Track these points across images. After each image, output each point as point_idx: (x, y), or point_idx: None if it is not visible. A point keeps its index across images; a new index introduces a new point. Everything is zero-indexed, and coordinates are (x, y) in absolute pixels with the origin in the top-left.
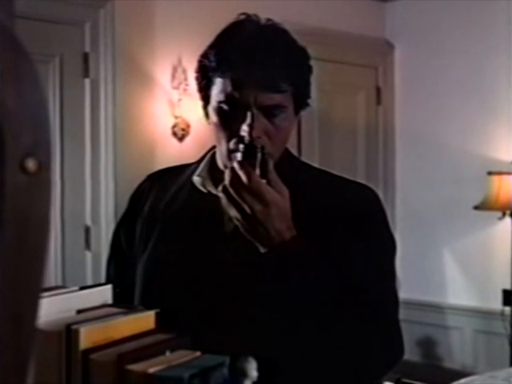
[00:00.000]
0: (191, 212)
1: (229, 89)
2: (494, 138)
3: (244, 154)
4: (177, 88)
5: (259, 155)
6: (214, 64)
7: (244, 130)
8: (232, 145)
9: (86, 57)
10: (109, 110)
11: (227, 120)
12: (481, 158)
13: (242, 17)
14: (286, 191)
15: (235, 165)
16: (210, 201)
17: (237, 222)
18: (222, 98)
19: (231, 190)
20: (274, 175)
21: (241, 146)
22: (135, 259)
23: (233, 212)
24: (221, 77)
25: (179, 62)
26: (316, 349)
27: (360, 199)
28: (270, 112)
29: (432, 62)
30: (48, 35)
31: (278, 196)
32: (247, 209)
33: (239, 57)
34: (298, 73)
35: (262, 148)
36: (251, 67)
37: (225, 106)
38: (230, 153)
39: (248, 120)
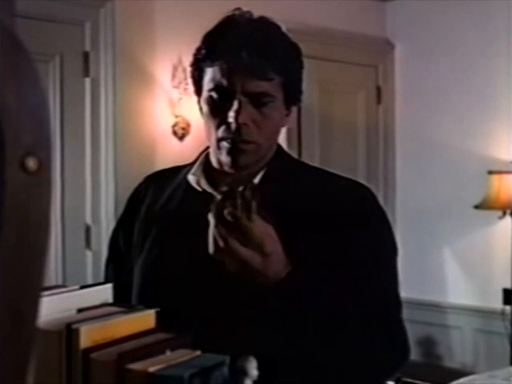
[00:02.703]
0: (187, 211)
1: (218, 76)
2: (495, 137)
3: (224, 195)
4: (177, 87)
5: (247, 192)
6: (204, 53)
7: (231, 116)
8: (220, 133)
9: (86, 56)
10: (109, 109)
11: (216, 108)
12: (481, 157)
13: (236, 12)
14: (271, 229)
15: (226, 214)
16: (205, 199)
17: (230, 269)
18: (211, 86)
19: (228, 247)
20: (255, 216)
21: (223, 189)
22: (133, 261)
23: (227, 260)
24: (211, 66)
25: (179, 61)
26: (319, 351)
27: (358, 200)
28: (257, 100)
29: (432, 61)
30: (48, 34)
31: (272, 241)
32: (245, 261)
33: (228, 45)
34: (288, 64)
35: (245, 189)
36: (240, 55)
37: (214, 95)
38: (219, 141)
39: (235, 106)
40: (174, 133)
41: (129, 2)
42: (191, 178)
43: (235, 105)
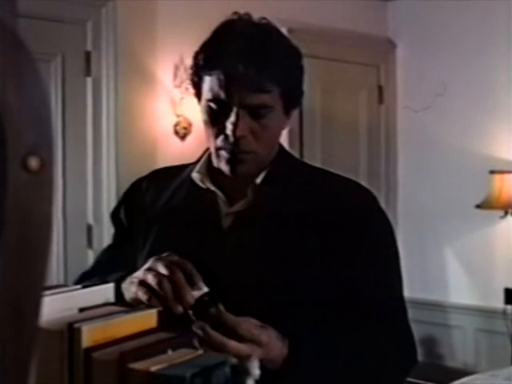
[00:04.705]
0: (190, 208)
1: (215, 88)
2: (496, 137)
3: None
4: (179, 86)
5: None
6: (201, 62)
7: (228, 128)
8: (219, 142)
9: (87, 55)
10: (111, 109)
11: (215, 118)
12: (483, 156)
13: (233, 16)
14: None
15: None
16: (209, 197)
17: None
18: (209, 96)
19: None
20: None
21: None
22: (134, 252)
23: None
24: (209, 75)
25: (181, 60)
26: (325, 354)
27: (360, 202)
28: (255, 112)
29: (434, 61)
30: (50, 34)
31: (262, 329)
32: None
33: (225, 56)
34: (287, 73)
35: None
36: (236, 66)
37: (212, 105)
38: (218, 150)
39: (232, 119)
40: (176, 132)
41: (130, 2)
42: (196, 176)
43: (232, 117)
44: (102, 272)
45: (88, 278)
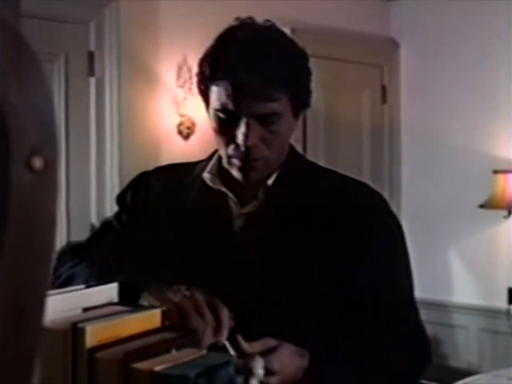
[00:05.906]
0: (201, 208)
1: (223, 98)
2: (500, 137)
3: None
4: (182, 86)
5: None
6: (208, 73)
7: (240, 139)
8: (230, 151)
9: (91, 55)
10: (114, 109)
11: (224, 127)
12: (486, 156)
13: (236, 22)
14: (272, 341)
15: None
16: (220, 198)
17: None
18: (217, 106)
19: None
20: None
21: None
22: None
23: None
24: (216, 85)
25: (184, 60)
26: (341, 360)
27: (370, 204)
28: (265, 120)
29: (437, 61)
30: (53, 34)
31: (277, 352)
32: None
33: (231, 66)
34: (294, 77)
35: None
36: (242, 77)
37: (221, 115)
38: (229, 158)
39: (242, 129)
40: (179, 132)
41: (133, 2)
42: (207, 176)
43: (243, 127)
44: (101, 262)
45: (80, 255)
